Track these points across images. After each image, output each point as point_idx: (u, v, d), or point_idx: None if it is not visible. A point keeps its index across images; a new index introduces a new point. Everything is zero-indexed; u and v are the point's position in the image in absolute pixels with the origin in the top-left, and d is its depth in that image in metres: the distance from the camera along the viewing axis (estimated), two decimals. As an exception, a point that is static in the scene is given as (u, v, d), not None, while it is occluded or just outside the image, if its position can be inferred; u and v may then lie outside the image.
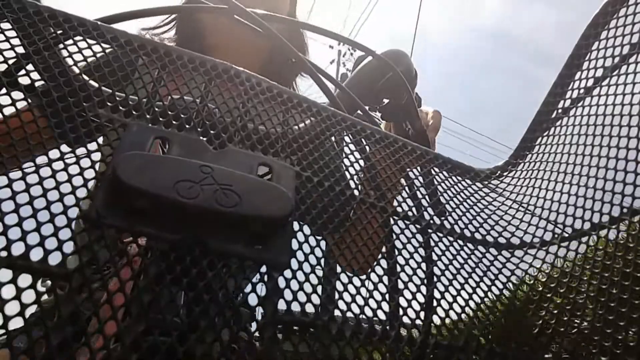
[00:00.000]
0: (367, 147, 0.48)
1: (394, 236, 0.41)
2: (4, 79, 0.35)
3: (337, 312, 0.32)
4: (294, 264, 0.33)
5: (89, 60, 0.40)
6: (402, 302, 0.36)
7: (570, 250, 0.45)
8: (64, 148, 0.33)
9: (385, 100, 0.77)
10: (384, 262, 0.38)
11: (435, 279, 0.39)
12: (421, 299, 0.37)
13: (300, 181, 0.39)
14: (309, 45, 1.03)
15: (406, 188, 0.46)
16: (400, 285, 0.37)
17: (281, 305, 0.31)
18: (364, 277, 0.36)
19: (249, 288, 0.32)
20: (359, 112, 0.61)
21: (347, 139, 0.48)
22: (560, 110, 0.59)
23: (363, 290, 0.35)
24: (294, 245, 0.34)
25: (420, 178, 0.49)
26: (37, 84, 0.37)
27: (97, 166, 0.33)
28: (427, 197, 0.47)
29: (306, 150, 0.43)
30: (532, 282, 0.44)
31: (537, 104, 0.61)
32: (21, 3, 0.39)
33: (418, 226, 0.43)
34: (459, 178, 0.54)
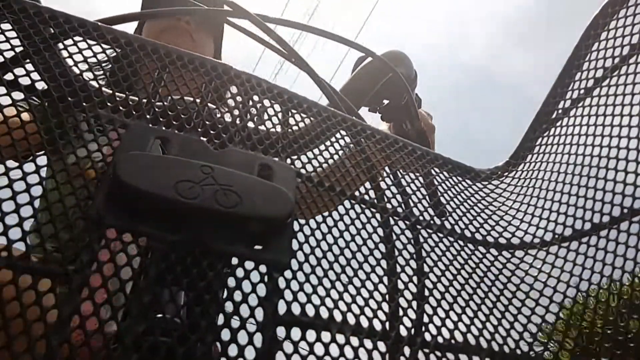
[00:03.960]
0: (367, 148, 0.48)
1: (394, 237, 0.41)
2: (4, 79, 0.35)
3: (337, 313, 0.32)
4: (294, 264, 0.33)
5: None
6: (402, 302, 0.36)
7: (571, 250, 0.44)
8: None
9: (385, 101, 0.77)
10: (384, 263, 0.38)
11: (435, 279, 0.39)
12: (422, 299, 0.37)
13: (300, 181, 0.39)
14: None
15: (406, 188, 0.46)
16: (401, 286, 0.37)
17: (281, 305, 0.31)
18: (364, 279, 0.36)
19: (249, 288, 0.32)
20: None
21: (347, 139, 0.48)
22: (560, 111, 0.59)
23: (364, 291, 0.35)
24: (294, 245, 0.34)
25: (421, 178, 0.49)
26: (37, 84, 0.37)
27: (97, 166, 0.33)
28: (427, 197, 0.47)
29: (306, 151, 0.43)
30: (532, 282, 0.44)
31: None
32: (21, 4, 0.39)
33: (419, 227, 0.43)
34: (460, 178, 0.54)
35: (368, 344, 0.32)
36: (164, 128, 0.37)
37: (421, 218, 0.44)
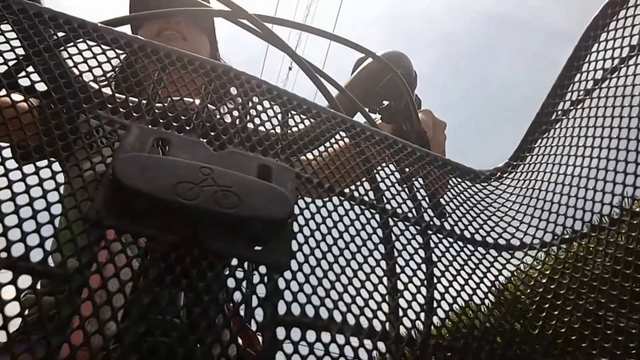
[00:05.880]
0: (367, 149, 0.48)
1: (394, 237, 0.41)
2: (4, 81, 0.35)
3: (337, 313, 0.32)
4: (294, 265, 0.33)
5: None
6: (402, 303, 0.36)
7: (570, 251, 0.45)
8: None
9: (385, 102, 0.77)
10: (383, 263, 0.38)
11: (435, 280, 0.39)
12: (421, 299, 0.37)
13: (300, 182, 0.39)
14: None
15: (406, 189, 0.46)
16: (400, 286, 0.37)
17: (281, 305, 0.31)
18: (364, 279, 0.36)
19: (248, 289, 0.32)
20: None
21: (347, 140, 0.48)
22: (559, 112, 0.59)
23: (363, 291, 0.35)
24: (294, 246, 0.34)
25: (420, 179, 0.49)
26: (37, 85, 0.37)
27: (96, 167, 0.33)
28: (427, 198, 0.47)
29: (306, 152, 0.43)
30: (532, 283, 0.44)
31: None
32: (22, 4, 0.39)
33: (418, 227, 0.43)
34: (459, 179, 0.54)
35: (368, 344, 0.32)
36: (163, 129, 0.37)
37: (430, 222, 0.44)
